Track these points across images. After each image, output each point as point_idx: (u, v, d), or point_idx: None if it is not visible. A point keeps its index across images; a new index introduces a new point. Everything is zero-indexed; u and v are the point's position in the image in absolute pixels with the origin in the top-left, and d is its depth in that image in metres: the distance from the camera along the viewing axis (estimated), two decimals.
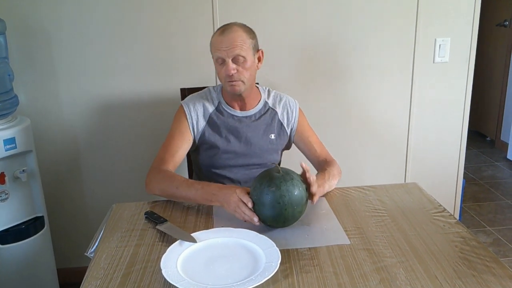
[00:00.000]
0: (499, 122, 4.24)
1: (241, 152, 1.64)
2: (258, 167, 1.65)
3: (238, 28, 1.53)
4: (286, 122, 1.70)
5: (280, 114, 1.69)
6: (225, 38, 1.51)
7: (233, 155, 1.64)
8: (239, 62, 1.52)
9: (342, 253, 1.16)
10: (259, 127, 1.66)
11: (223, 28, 1.54)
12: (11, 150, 1.81)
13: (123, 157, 2.23)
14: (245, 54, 1.52)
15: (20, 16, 2.01)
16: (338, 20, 2.17)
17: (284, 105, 1.71)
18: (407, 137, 2.36)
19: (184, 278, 1.04)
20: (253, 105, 1.67)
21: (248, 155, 1.65)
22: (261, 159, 1.67)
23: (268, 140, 1.67)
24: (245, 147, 1.64)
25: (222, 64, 1.53)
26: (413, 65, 2.26)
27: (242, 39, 1.52)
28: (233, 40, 1.50)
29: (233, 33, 1.51)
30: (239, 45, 1.50)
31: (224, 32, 1.52)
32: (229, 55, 1.50)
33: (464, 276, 1.06)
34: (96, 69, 2.10)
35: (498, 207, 3.15)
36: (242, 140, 1.64)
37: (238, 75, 1.53)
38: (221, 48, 1.51)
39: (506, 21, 4.04)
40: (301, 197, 1.24)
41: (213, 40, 1.56)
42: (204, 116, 1.64)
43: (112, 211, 1.43)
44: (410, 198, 1.48)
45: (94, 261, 1.17)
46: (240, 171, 1.66)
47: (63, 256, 2.27)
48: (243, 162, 1.65)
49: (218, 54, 1.52)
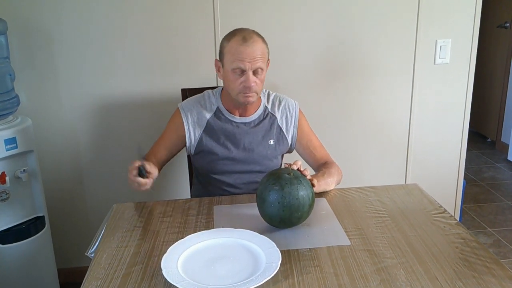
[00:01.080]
0: (500, 123, 4.24)
1: (239, 159, 1.63)
2: (258, 173, 1.64)
3: (258, 39, 1.50)
4: (285, 127, 1.68)
5: (279, 119, 1.67)
6: (248, 49, 1.46)
7: (231, 161, 1.63)
8: (258, 74, 1.50)
9: (343, 254, 1.16)
10: (257, 133, 1.64)
11: (242, 35, 1.48)
12: (12, 150, 1.81)
13: (123, 157, 2.23)
14: (264, 67, 1.51)
15: (21, 16, 2.01)
16: (338, 22, 2.17)
17: (283, 109, 1.69)
18: (407, 138, 2.36)
19: (185, 279, 1.04)
20: (253, 111, 1.65)
21: (246, 161, 1.64)
22: (260, 165, 1.65)
23: (267, 146, 1.65)
24: (243, 153, 1.63)
25: (240, 75, 1.49)
26: (414, 67, 2.26)
27: (262, 51, 1.50)
28: (257, 50, 1.47)
29: (255, 44, 1.48)
30: (261, 57, 1.48)
31: (247, 42, 1.47)
32: (252, 67, 1.47)
33: (464, 277, 1.06)
34: (97, 69, 2.11)
35: (499, 208, 3.15)
36: (240, 146, 1.63)
37: (255, 87, 1.50)
38: (245, 59, 1.46)
39: (507, 23, 4.04)
40: (302, 203, 1.23)
41: (232, 48, 1.48)
42: (201, 123, 1.62)
43: (113, 211, 1.44)
44: (410, 199, 1.48)
45: (95, 261, 1.17)
46: (239, 176, 1.65)
47: (64, 256, 2.28)
48: (241, 168, 1.64)
49: (239, 64, 1.47)
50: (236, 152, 1.63)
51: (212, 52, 2.12)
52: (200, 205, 1.46)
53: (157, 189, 2.30)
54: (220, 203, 1.47)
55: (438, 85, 2.30)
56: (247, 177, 1.65)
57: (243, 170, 1.65)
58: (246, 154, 1.63)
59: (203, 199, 1.50)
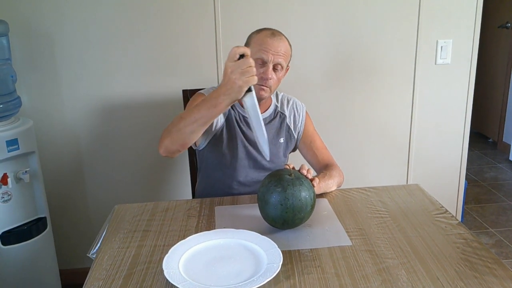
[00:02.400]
0: (501, 124, 4.23)
1: (252, 156, 1.64)
2: (268, 171, 1.63)
3: (285, 39, 1.55)
4: (293, 125, 1.71)
5: (288, 118, 1.70)
6: (275, 42, 1.50)
7: (245, 157, 1.63)
8: (277, 70, 1.53)
9: (344, 255, 1.16)
10: (269, 131, 1.65)
11: (271, 31, 1.54)
12: (14, 151, 1.81)
13: (125, 159, 2.23)
14: (284, 65, 1.54)
15: (23, 18, 2.02)
16: (340, 22, 2.17)
17: (292, 108, 1.71)
18: (409, 138, 2.36)
19: (186, 279, 1.04)
20: (265, 109, 1.67)
21: (258, 157, 1.64)
22: (270, 162, 1.65)
23: (278, 144, 1.68)
24: (255, 149, 1.63)
25: (261, 66, 1.51)
26: (415, 67, 2.26)
27: (287, 50, 1.54)
28: (282, 47, 1.52)
29: (283, 40, 1.53)
30: (284, 54, 1.52)
31: (275, 36, 1.52)
32: (274, 60, 1.51)
33: (466, 278, 1.06)
34: (99, 71, 2.11)
35: (500, 208, 3.15)
36: (253, 142, 1.63)
37: (271, 82, 1.53)
38: (269, 50, 1.49)
39: (508, 23, 4.04)
40: (305, 204, 1.23)
41: (260, 38, 1.52)
42: (224, 113, 1.59)
43: (114, 212, 1.44)
44: (412, 200, 1.48)
45: (96, 262, 1.17)
46: (249, 174, 1.65)
47: (66, 257, 2.28)
48: (253, 164, 1.65)
49: (262, 54, 1.50)
50: (250, 149, 1.63)
51: (213, 53, 2.13)
52: (201, 205, 1.46)
53: (158, 190, 2.31)
54: (222, 204, 1.47)
55: (439, 85, 2.30)
56: (256, 175, 1.65)
57: (253, 166, 1.65)
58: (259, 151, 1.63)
59: (205, 199, 1.50)
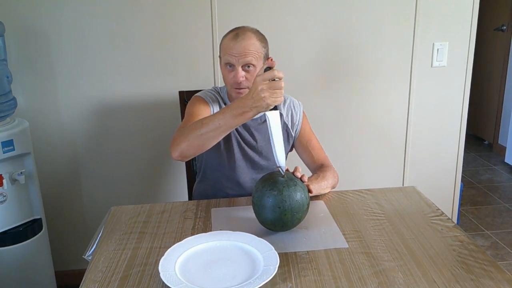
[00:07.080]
0: (497, 126, 4.25)
1: (250, 156, 1.63)
2: (266, 171, 1.63)
3: (252, 35, 1.51)
4: (290, 124, 1.69)
5: (285, 116, 1.68)
6: (237, 44, 1.48)
7: (242, 157, 1.63)
8: (249, 69, 1.50)
9: (340, 257, 1.16)
10: (265, 129, 1.63)
11: (236, 32, 1.51)
12: (9, 152, 1.81)
13: (121, 160, 2.23)
14: (255, 63, 1.50)
15: (19, 18, 2.01)
16: (336, 24, 2.17)
17: (289, 106, 1.70)
18: (405, 140, 2.37)
19: (182, 281, 1.04)
20: None
21: (255, 158, 1.64)
22: (268, 162, 1.65)
23: None
24: (253, 150, 1.63)
25: (231, 69, 1.51)
26: (411, 69, 2.27)
27: (255, 47, 1.50)
28: (246, 47, 1.48)
29: (246, 40, 1.49)
30: (251, 53, 1.48)
31: (238, 38, 1.49)
32: (240, 62, 1.49)
33: (462, 280, 1.06)
34: (95, 71, 2.11)
35: (496, 210, 3.16)
36: (250, 143, 1.63)
37: (246, 83, 1.51)
38: (232, 54, 1.48)
39: (504, 26, 4.06)
40: (302, 204, 1.24)
41: (224, 43, 1.52)
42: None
43: (110, 214, 1.43)
44: (408, 202, 1.49)
45: (92, 264, 1.16)
46: (248, 174, 1.65)
47: (61, 258, 2.27)
48: (251, 165, 1.65)
49: (228, 58, 1.50)
50: (247, 149, 1.63)
51: (210, 54, 2.13)
52: (198, 207, 1.46)
53: (154, 192, 2.30)
54: (218, 206, 1.47)
55: (435, 87, 2.31)
56: (254, 176, 1.65)
57: (251, 166, 1.64)
58: (256, 151, 1.64)
59: (201, 201, 1.50)
